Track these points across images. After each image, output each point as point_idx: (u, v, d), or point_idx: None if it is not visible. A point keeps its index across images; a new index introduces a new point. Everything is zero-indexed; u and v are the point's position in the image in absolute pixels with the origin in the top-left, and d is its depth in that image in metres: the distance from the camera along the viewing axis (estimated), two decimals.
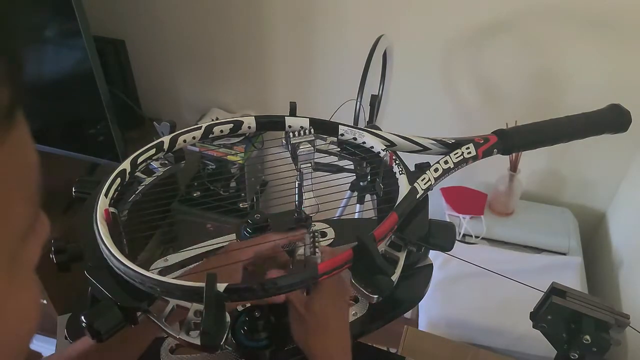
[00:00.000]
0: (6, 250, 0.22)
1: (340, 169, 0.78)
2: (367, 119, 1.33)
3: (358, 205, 1.37)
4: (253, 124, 0.69)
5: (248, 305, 0.63)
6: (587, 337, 0.65)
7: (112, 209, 0.57)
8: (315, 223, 0.71)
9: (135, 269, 0.48)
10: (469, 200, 1.64)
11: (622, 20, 1.37)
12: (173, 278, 0.48)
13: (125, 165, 0.62)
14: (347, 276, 0.59)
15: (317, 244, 0.59)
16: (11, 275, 0.22)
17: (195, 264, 0.65)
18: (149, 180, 0.67)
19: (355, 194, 1.31)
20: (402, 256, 0.57)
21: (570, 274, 1.45)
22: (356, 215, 1.38)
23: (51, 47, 1.42)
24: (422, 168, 0.64)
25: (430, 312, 1.42)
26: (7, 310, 0.23)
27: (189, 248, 0.66)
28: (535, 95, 1.56)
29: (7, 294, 0.22)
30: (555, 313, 0.68)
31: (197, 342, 0.46)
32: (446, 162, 0.65)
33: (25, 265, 0.24)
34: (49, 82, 1.46)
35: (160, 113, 1.97)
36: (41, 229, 0.24)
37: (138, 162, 0.63)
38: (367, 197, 1.32)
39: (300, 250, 0.62)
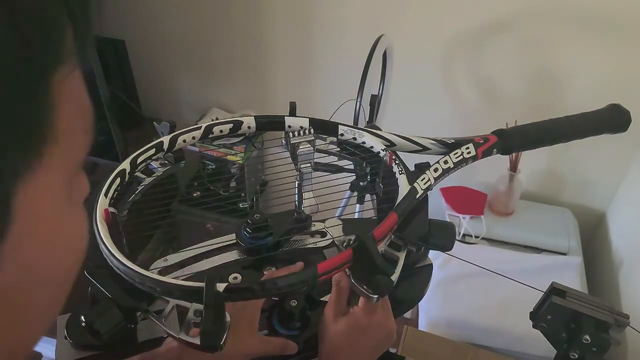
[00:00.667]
0: (67, 172, 0.24)
1: (340, 169, 0.78)
2: (367, 119, 1.33)
3: (358, 205, 1.37)
4: (253, 124, 0.69)
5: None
6: (587, 337, 0.65)
7: (111, 209, 0.57)
8: (314, 223, 0.71)
9: (135, 269, 0.48)
10: (469, 200, 1.64)
11: (622, 20, 1.37)
12: (173, 278, 0.49)
13: (125, 165, 0.62)
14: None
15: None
16: (68, 198, 0.25)
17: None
18: (148, 180, 0.67)
19: (355, 194, 1.31)
20: (401, 256, 0.57)
21: (570, 274, 1.45)
22: (356, 215, 1.38)
23: None
24: (422, 168, 0.64)
25: (430, 312, 1.42)
26: (63, 228, 0.25)
27: (189, 248, 0.66)
28: (535, 95, 1.56)
29: (64, 213, 0.25)
30: (555, 313, 0.68)
31: (197, 342, 0.46)
32: (446, 162, 0.65)
33: (77, 199, 0.26)
34: None
35: (160, 113, 1.97)
36: (83, 183, 0.27)
37: (138, 162, 0.63)
38: (367, 197, 1.32)
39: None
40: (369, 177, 0.72)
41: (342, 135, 0.70)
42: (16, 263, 0.22)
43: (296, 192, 0.66)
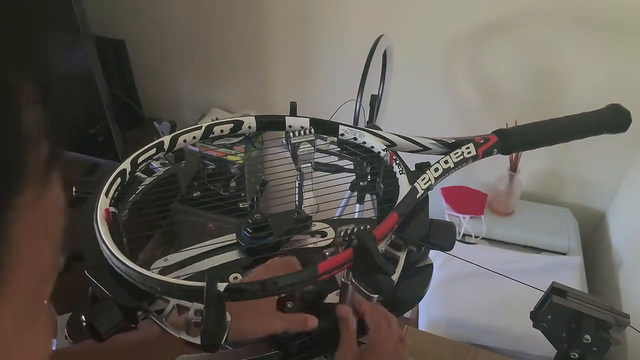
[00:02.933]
0: (28, 295, 0.22)
1: (340, 169, 0.78)
2: (367, 119, 1.33)
3: (358, 205, 1.37)
4: (253, 124, 0.69)
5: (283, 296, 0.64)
6: (588, 336, 0.65)
7: (112, 209, 0.57)
8: (315, 223, 0.71)
9: (136, 269, 0.48)
10: (469, 200, 1.64)
11: (622, 20, 1.37)
12: (174, 277, 0.49)
13: (126, 165, 0.62)
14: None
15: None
16: (30, 318, 0.22)
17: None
18: (149, 180, 0.67)
19: (355, 194, 1.31)
20: (402, 256, 0.57)
21: (570, 274, 1.45)
22: (356, 215, 1.38)
23: (51, 47, 1.42)
24: (422, 168, 0.64)
25: (430, 312, 1.42)
26: (21, 353, 0.23)
27: (190, 248, 0.66)
28: (535, 95, 1.56)
29: (23, 334, 0.22)
30: (555, 313, 0.68)
31: (198, 341, 0.46)
32: (446, 162, 0.65)
33: (40, 306, 0.24)
34: None
35: (160, 113, 1.97)
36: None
37: (138, 162, 0.63)
38: (367, 197, 1.32)
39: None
40: (369, 177, 0.72)
41: (342, 135, 0.70)
42: None
43: (296, 192, 0.66)
